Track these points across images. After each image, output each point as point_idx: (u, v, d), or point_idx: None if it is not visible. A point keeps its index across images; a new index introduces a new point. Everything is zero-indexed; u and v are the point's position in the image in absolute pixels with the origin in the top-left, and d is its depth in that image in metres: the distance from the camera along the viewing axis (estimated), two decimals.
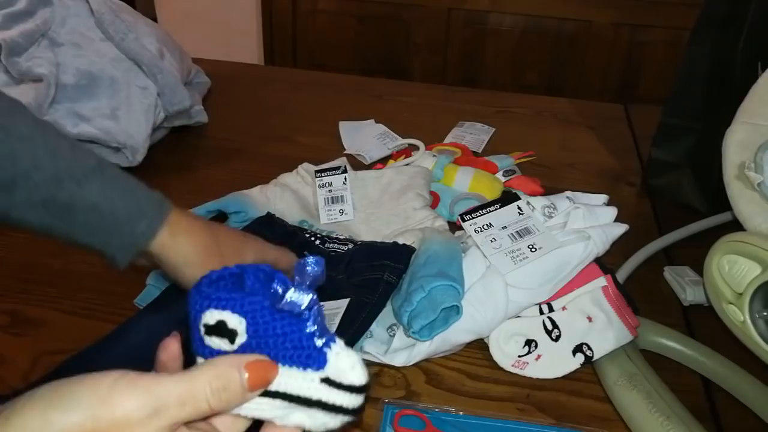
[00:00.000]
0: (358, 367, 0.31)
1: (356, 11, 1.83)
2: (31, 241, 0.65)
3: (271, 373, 0.30)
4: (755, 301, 0.48)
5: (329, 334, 0.32)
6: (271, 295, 0.32)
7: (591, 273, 0.55)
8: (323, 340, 0.31)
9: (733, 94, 0.60)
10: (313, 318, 0.31)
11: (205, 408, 0.29)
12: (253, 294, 0.31)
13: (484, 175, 0.71)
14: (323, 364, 0.31)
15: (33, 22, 0.73)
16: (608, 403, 0.50)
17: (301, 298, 0.31)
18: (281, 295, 0.31)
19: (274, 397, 0.31)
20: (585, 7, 1.69)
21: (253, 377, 0.30)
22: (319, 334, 0.31)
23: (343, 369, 0.31)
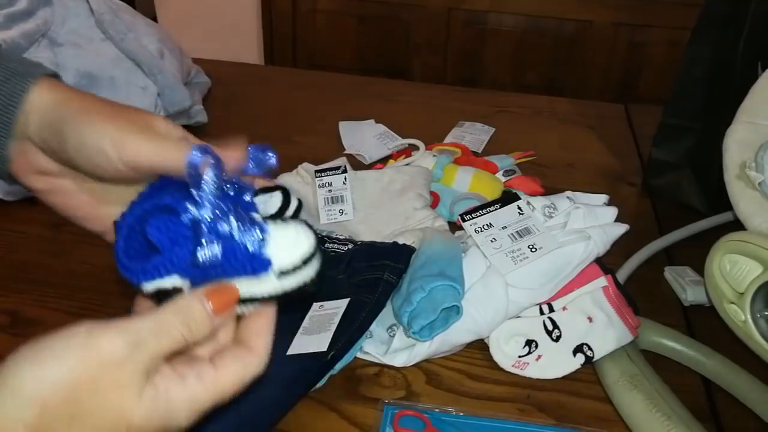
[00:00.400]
0: (299, 238, 0.31)
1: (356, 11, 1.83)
2: (31, 241, 0.65)
3: (231, 295, 0.32)
4: (756, 300, 0.48)
5: (254, 229, 0.31)
6: (190, 229, 0.31)
7: (591, 273, 0.55)
8: (254, 245, 0.30)
9: (733, 94, 0.60)
10: (234, 233, 0.30)
11: (179, 338, 0.30)
12: (171, 247, 0.31)
13: (484, 175, 0.71)
14: (267, 264, 0.31)
15: (33, 22, 0.73)
16: (609, 403, 0.50)
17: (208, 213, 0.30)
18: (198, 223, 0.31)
19: (245, 303, 0.32)
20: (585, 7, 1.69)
21: (216, 304, 0.31)
22: (251, 249, 0.30)
23: (289, 254, 0.31)
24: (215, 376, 0.31)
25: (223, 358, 0.32)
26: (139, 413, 0.28)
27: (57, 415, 0.27)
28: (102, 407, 0.27)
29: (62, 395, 0.27)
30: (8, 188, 0.68)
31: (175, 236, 0.31)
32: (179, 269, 0.31)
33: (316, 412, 0.49)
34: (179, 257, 0.31)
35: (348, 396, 0.50)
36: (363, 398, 0.50)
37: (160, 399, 0.29)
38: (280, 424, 0.47)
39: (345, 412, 0.49)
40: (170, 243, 0.31)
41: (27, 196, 0.69)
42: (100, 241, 0.64)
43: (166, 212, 0.32)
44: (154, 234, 0.32)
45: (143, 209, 0.33)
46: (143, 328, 0.29)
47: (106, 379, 0.28)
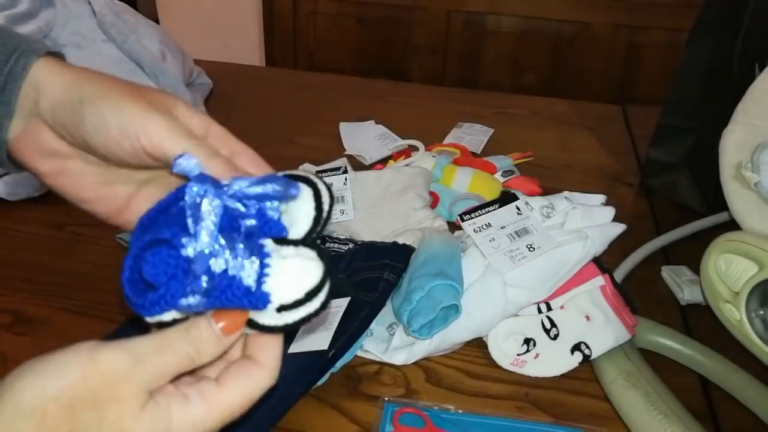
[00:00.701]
0: (304, 272, 0.30)
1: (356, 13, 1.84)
2: (33, 241, 0.66)
3: (240, 316, 0.31)
4: (752, 300, 0.48)
5: (253, 262, 0.29)
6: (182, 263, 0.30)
7: (589, 272, 0.55)
8: (252, 280, 0.29)
9: (730, 95, 0.60)
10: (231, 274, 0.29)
11: (184, 357, 0.29)
12: (168, 282, 0.30)
13: (483, 175, 0.72)
14: (266, 300, 0.30)
15: (35, 23, 0.73)
16: (606, 401, 0.51)
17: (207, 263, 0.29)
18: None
19: (250, 326, 0.31)
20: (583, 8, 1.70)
21: (225, 323, 0.30)
22: (247, 285, 0.29)
23: (291, 289, 0.30)
24: (220, 396, 0.30)
25: (227, 375, 0.31)
26: (140, 430, 0.28)
27: (55, 428, 0.27)
28: (102, 422, 0.27)
29: (62, 408, 0.27)
30: (10, 188, 0.69)
31: (171, 271, 0.30)
32: (175, 306, 0.30)
33: (316, 410, 0.49)
34: (175, 293, 0.30)
35: (348, 394, 0.51)
36: (363, 396, 0.51)
37: (163, 419, 0.28)
38: (281, 422, 0.48)
39: (345, 410, 0.49)
40: (166, 278, 0.30)
41: (29, 196, 0.70)
42: (101, 241, 0.65)
43: (164, 244, 0.31)
44: (149, 271, 0.30)
45: (144, 241, 0.31)
46: (146, 345, 0.29)
47: (106, 394, 0.27)
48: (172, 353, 0.29)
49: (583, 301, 0.54)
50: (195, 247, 0.29)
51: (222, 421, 0.30)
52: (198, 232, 0.29)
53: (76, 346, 0.28)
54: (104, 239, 0.65)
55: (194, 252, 0.29)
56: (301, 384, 0.49)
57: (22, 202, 0.69)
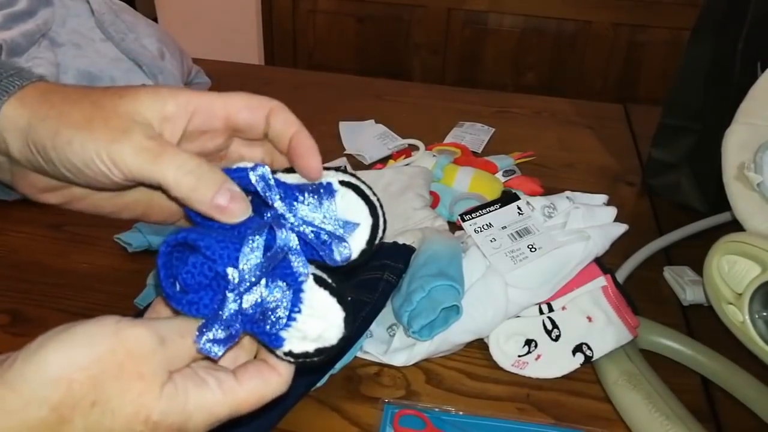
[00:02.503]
0: (322, 335, 0.31)
1: (356, 11, 1.83)
2: (31, 241, 0.65)
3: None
4: (755, 301, 0.48)
5: (277, 310, 0.30)
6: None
7: (590, 273, 0.55)
8: (274, 328, 0.30)
9: (732, 95, 0.60)
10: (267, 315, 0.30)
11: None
12: (198, 290, 0.31)
13: (483, 175, 0.71)
14: (279, 345, 0.31)
15: (33, 22, 0.73)
16: (608, 402, 0.51)
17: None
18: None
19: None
20: (584, 7, 1.69)
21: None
22: (269, 330, 0.30)
23: (303, 346, 0.31)
24: (236, 388, 0.31)
25: (245, 372, 0.31)
26: (159, 408, 0.28)
27: (80, 398, 0.27)
28: (124, 396, 0.28)
29: (88, 379, 0.27)
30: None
31: (206, 283, 0.31)
32: (205, 313, 0.31)
33: (316, 412, 0.49)
34: (205, 303, 0.31)
35: (348, 395, 0.51)
36: (363, 398, 0.50)
37: (179, 399, 0.29)
38: (281, 423, 0.47)
39: (345, 412, 0.49)
40: (198, 288, 0.31)
41: None
42: (99, 241, 0.65)
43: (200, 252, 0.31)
44: (184, 275, 0.31)
45: (188, 238, 0.30)
46: (170, 328, 0.30)
47: (131, 369, 0.28)
48: (193, 337, 0.30)
49: (584, 302, 0.54)
50: (235, 277, 0.30)
51: (232, 412, 0.31)
52: (244, 262, 0.30)
53: (100, 319, 0.29)
54: (102, 240, 0.64)
55: (233, 281, 0.30)
56: (301, 385, 0.48)
57: (20, 202, 0.69)
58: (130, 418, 0.28)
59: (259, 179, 0.31)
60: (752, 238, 0.48)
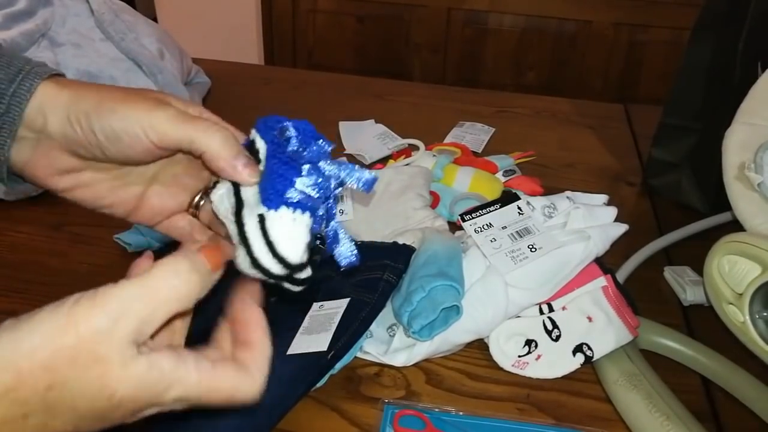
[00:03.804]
0: (297, 243, 0.33)
1: (356, 11, 1.83)
2: (31, 241, 0.65)
3: (224, 253, 0.33)
4: (755, 301, 0.48)
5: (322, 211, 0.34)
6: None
7: (591, 273, 0.55)
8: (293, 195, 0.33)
9: (732, 94, 0.60)
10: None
11: (172, 296, 0.30)
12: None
13: (484, 175, 0.71)
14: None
15: (33, 22, 0.73)
16: (608, 403, 0.50)
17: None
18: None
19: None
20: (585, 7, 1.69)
21: (211, 260, 0.32)
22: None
23: (279, 234, 0.33)
24: (212, 373, 0.30)
25: (224, 365, 0.31)
26: (126, 384, 0.28)
27: (33, 382, 0.27)
28: (81, 378, 0.27)
29: (39, 364, 0.27)
30: (8, 188, 0.68)
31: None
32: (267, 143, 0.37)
33: (316, 412, 0.49)
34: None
35: (348, 396, 0.50)
36: (363, 398, 0.50)
37: (152, 375, 0.28)
38: (281, 423, 0.47)
39: (345, 412, 0.49)
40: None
41: (26, 196, 0.69)
42: (98, 241, 0.65)
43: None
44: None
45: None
46: (128, 295, 0.29)
47: (85, 352, 0.27)
48: (157, 297, 0.29)
49: (585, 302, 0.54)
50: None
51: (201, 398, 0.30)
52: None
53: (59, 302, 0.28)
54: (102, 240, 0.64)
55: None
56: (301, 386, 0.48)
57: (20, 202, 0.69)
58: (94, 396, 0.28)
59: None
60: (753, 238, 0.48)
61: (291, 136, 0.35)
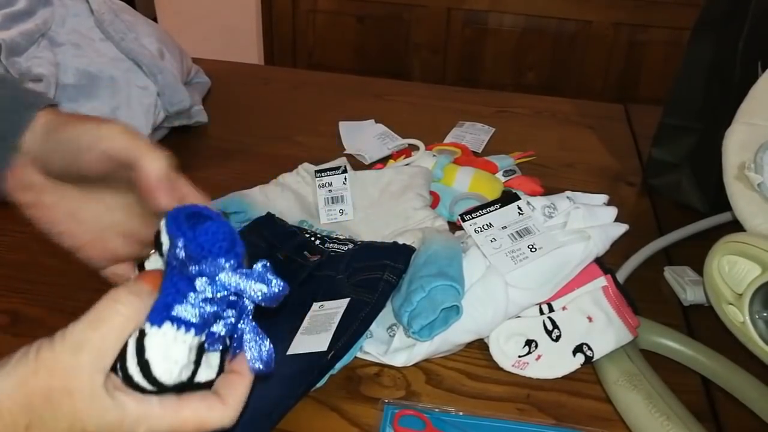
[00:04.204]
0: (174, 366, 0.31)
1: (356, 11, 1.83)
2: (31, 241, 0.65)
3: (159, 276, 0.34)
4: (755, 301, 0.48)
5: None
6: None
7: (591, 273, 0.55)
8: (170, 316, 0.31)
9: (732, 94, 0.60)
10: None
11: (120, 320, 0.31)
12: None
13: (484, 175, 0.71)
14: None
15: (33, 22, 0.73)
16: (608, 403, 0.50)
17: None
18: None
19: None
20: (585, 7, 1.69)
21: (148, 280, 0.33)
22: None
23: (155, 355, 0.31)
24: (177, 405, 0.32)
25: (190, 398, 0.32)
26: (95, 421, 0.30)
27: (12, 423, 0.29)
28: (56, 414, 0.29)
29: (17, 403, 0.29)
30: None
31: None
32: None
33: (316, 412, 0.49)
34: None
35: (348, 396, 0.50)
36: (363, 398, 0.50)
37: (116, 412, 0.30)
38: (281, 423, 0.47)
39: (345, 412, 0.49)
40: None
41: None
42: None
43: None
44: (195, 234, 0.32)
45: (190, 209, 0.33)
46: (80, 328, 0.30)
47: (58, 387, 0.29)
48: (105, 325, 0.31)
49: (585, 302, 0.54)
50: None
51: (173, 430, 0.32)
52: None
53: (24, 348, 0.31)
54: None
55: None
56: (300, 385, 0.48)
57: None
58: (68, 429, 0.30)
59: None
60: (753, 239, 0.48)
61: (179, 247, 0.31)
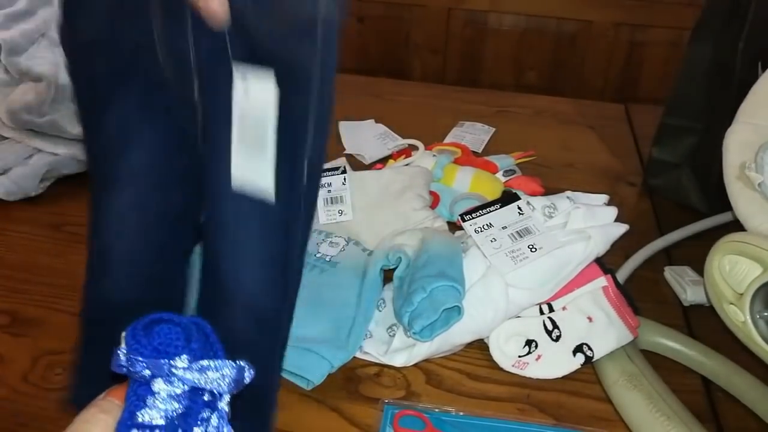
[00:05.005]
0: None
1: (356, 11, 1.83)
2: (31, 241, 0.65)
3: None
4: (756, 301, 0.48)
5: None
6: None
7: (591, 273, 0.55)
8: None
9: (733, 94, 0.60)
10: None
11: (101, 423, 0.31)
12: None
13: (484, 175, 0.71)
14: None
15: (33, 21, 0.73)
16: (608, 403, 0.50)
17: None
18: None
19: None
20: (585, 7, 1.69)
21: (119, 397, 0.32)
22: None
23: None
24: None
25: None
26: None
27: None
28: None
29: None
30: (7, 188, 0.68)
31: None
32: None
33: (316, 412, 0.49)
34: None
35: (348, 396, 0.50)
36: (363, 398, 0.50)
37: None
38: (280, 423, 0.47)
39: (345, 412, 0.49)
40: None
41: (25, 196, 0.69)
42: None
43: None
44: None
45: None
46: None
47: None
48: (89, 423, 0.31)
49: (585, 302, 0.54)
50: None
51: None
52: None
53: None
54: None
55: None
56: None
57: (19, 202, 0.69)
58: None
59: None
60: (753, 238, 0.48)
61: (136, 358, 0.32)
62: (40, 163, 0.70)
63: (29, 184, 0.69)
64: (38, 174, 0.69)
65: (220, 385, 0.32)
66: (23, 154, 0.70)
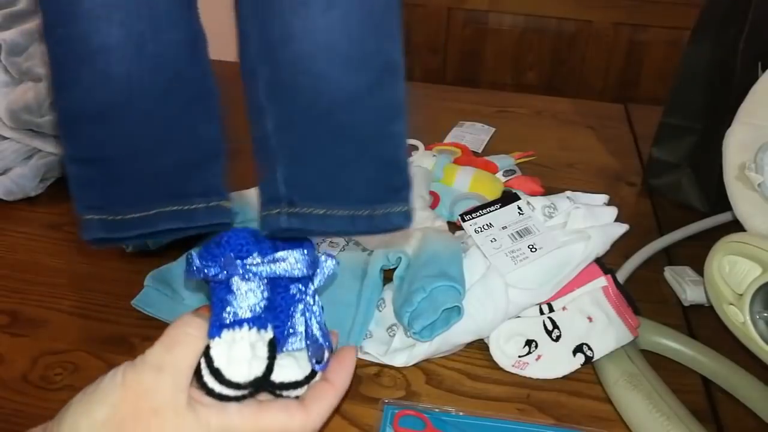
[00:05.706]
0: (240, 365, 0.33)
1: None
2: (31, 241, 0.65)
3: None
4: (756, 301, 0.48)
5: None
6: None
7: (591, 273, 0.55)
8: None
9: (733, 94, 0.60)
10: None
11: (190, 341, 0.34)
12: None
13: (484, 175, 0.71)
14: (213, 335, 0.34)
15: (33, 21, 0.73)
16: (608, 403, 0.50)
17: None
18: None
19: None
20: (585, 6, 1.69)
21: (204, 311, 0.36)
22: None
23: (222, 362, 0.33)
24: (256, 414, 0.34)
25: (270, 404, 0.35)
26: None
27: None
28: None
29: (111, 428, 0.32)
30: (6, 188, 0.68)
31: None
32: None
33: None
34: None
35: (348, 396, 0.50)
36: (363, 398, 0.50)
37: (200, 425, 0.33)
38: None
39: (345, 412, 0.49)
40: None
41: (25, 196, 0.69)
42: None
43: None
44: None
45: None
46: (157, 351, 0.33)
47: (145, 408, 0.32)
48: (180, 345, 0.34)
49: (585, 302, 0.54)
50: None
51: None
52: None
53: (111, 372, 0.33)
54: None
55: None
56: None
57: (19, 203, 0.69)
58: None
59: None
60: (753, 239, 0.48)
61: (210, 265, 0.34)
62: (40, 163, 0.70)
63: (29, 184, 0.69)
64: (38, 174, 0.69)
65: (295, 269, 0.34)
66: (23, 154, 0.70)
